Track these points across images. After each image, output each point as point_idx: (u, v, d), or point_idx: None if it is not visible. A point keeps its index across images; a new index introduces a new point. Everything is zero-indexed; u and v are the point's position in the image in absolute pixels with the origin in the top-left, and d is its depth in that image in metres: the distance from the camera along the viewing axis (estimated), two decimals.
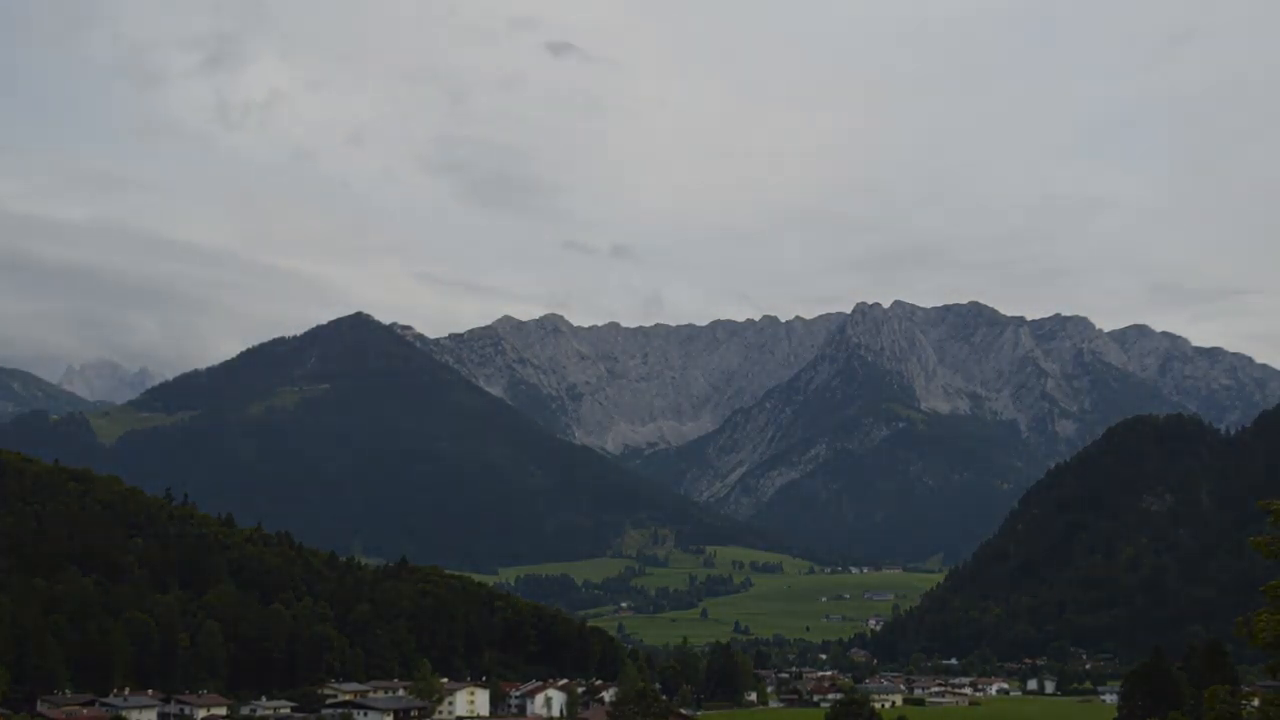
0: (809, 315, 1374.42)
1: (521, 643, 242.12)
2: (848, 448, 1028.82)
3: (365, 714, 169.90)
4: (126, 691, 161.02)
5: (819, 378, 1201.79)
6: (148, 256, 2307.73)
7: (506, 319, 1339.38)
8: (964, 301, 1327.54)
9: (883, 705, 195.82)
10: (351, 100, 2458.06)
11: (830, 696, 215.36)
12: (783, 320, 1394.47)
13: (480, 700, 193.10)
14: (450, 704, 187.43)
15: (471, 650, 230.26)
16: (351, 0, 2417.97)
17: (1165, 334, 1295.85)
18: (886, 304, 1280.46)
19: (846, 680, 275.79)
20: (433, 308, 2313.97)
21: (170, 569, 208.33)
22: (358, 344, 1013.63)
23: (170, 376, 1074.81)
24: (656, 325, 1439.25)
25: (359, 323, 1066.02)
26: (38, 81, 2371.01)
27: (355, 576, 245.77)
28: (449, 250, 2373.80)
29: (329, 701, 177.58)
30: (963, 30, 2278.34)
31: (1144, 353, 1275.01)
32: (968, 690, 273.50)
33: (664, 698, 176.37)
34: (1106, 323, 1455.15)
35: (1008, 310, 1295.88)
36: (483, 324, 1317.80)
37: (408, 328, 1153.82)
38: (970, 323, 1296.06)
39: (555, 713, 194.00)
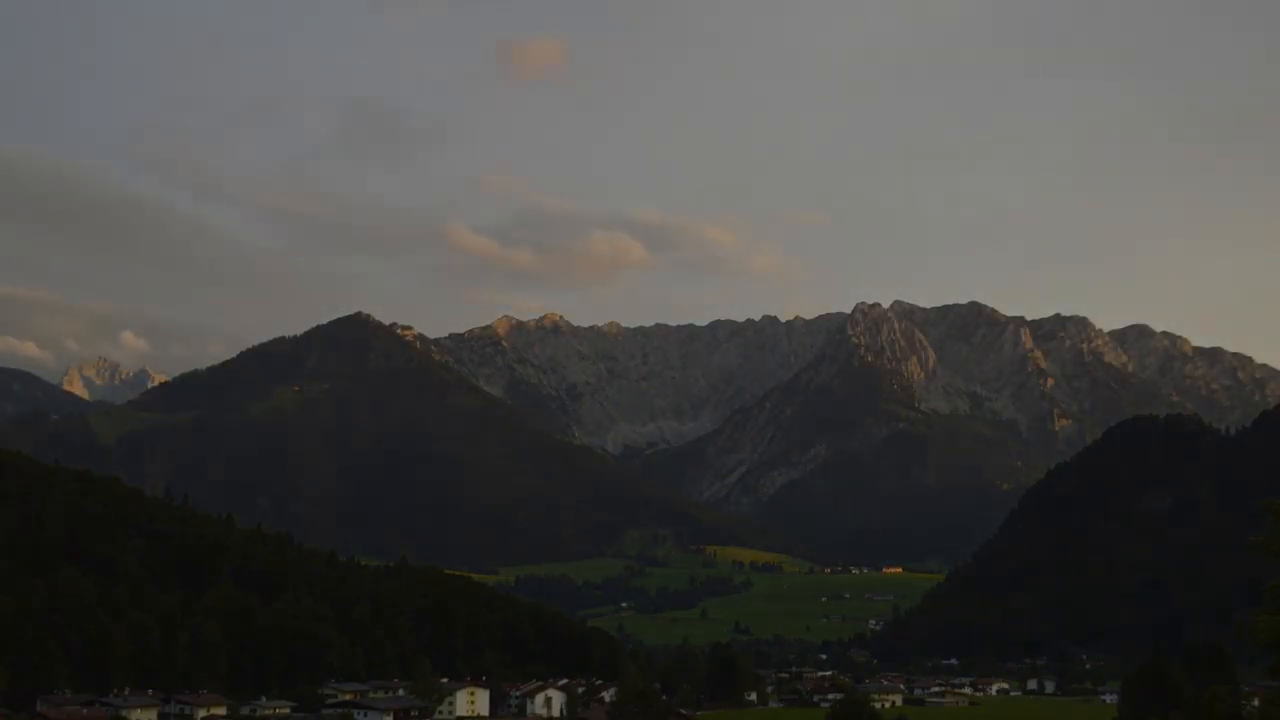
0: (809, 315, 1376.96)
1: (521, 643, 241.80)
2: (848, 448, 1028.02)
3: (365, 714, 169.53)
4: (126, 691, 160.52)
5: (819, 378, 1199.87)
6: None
7: (506, 319, 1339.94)
8: (964, 301, 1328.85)
9: (883, 705, 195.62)
10: None
11: (830, 696, 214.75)
12: (783, 320, 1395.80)
13: (480, 700, 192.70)
14: (450, 704, 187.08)
15: (471, 650, 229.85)
16: None
17: (1165, 334, 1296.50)
18: (886, 304, 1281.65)
19: (846, 680, 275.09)
20: (433, 307, 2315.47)
21: (170, 569, 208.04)
22: (358, 344, 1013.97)
23: (170, 376, 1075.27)
24: (656, 325, 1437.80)
25: (359, 323, 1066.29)
26: None
27: (355, 576, 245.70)
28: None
29: (329, 701, 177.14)
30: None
31: (1144, 353, 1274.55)
32: (968, 690, 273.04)
33: (664, 698, 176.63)
34: (1106, 323, 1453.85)
35: (1008, 310, 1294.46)
36: (482, 324, 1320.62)
37: (408, 328, 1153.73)
38: (970, 323, 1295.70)
39: (555, 713, 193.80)
